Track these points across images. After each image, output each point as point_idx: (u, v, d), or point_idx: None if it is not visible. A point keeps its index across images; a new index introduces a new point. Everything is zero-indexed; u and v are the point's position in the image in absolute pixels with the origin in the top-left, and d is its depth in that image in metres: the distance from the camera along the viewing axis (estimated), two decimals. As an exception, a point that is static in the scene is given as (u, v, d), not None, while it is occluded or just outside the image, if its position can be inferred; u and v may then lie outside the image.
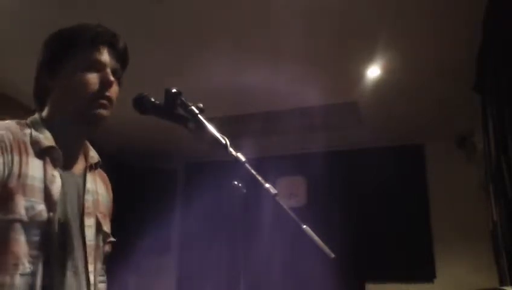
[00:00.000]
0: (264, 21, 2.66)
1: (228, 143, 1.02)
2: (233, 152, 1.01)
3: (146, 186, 4.41)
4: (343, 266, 3.82)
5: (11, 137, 1.08)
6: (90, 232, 1.18)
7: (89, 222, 1.19)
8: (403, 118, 3.80)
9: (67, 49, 1.18)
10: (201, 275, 4.26)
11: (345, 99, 3.51)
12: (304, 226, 0.93)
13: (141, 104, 1.14)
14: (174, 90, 1.08)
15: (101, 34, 1.20)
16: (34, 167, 1.09)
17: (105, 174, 1.37)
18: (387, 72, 3.12)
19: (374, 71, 3.12)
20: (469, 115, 3.41)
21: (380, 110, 3.67)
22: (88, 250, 1.16)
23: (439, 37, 2.74)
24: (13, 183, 1.04)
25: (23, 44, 2.70)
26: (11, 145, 1.07)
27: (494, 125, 2.56)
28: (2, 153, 1.05)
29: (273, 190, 0.96)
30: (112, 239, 1.31)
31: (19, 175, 1.05)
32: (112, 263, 1.38)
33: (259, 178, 0.98)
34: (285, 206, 0.95)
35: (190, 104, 1.07)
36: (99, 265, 1.24)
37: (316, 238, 0.92)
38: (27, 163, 1.08)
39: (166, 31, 2.77)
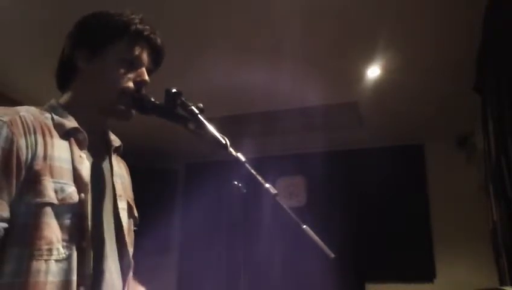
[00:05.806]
0: (264, 21, 2.66)
1: (228, 143, 1.02)
2: (234, 152, 1.01)
3: (146, 186, 4.40)
4: (343, 266, 3.83)
5: (32, 118, 1.03)
6: (124, 215, 1.16)
7: (122, 205, 1.16)
8: (403, 118, 3.80)
9: (110, 37, 1.15)
10: (201, 275, 4.26)
11: (345, 99, 3.51)
12: (304, 226, 0.93)
13: (141, 104, 1.15)
14: (174, 90, 1.09)
15: (147, 30, 1.18)
16: (60, 149, 1.04)
17: (123, 161, 1.34)
18: (387, 72, 3.12)
19: (374, 71, 3.11)
20: (469, 115, 3.41)
21: (380, 110, 3.67)
22: (125, 233, 1.14)
23: (439, 37, 2.74)
24: (39, 165, 0.98)
25: (17, 42, 2.75)
26: (33, 127, 1.01)
27: (494, 125, 2.56)
28: (25, 134, 0.99)
29: (273, 190, 0.97)
30: (135, 228, 1.29)
31: (45, 156, 1.00)
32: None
33: (259, 178, 0.98)
34: (285, 206, 0.95)
35: (190, 104, 1.08)
36: (132, 250, 1.22)
37: (316, 238, 0.92)
38: (52, 145, 1.03)
39: (166, 31, 2.76)
